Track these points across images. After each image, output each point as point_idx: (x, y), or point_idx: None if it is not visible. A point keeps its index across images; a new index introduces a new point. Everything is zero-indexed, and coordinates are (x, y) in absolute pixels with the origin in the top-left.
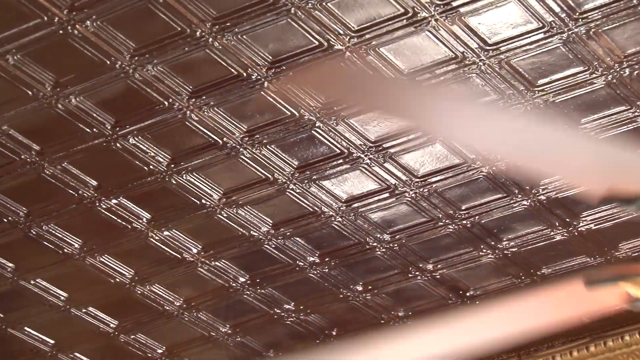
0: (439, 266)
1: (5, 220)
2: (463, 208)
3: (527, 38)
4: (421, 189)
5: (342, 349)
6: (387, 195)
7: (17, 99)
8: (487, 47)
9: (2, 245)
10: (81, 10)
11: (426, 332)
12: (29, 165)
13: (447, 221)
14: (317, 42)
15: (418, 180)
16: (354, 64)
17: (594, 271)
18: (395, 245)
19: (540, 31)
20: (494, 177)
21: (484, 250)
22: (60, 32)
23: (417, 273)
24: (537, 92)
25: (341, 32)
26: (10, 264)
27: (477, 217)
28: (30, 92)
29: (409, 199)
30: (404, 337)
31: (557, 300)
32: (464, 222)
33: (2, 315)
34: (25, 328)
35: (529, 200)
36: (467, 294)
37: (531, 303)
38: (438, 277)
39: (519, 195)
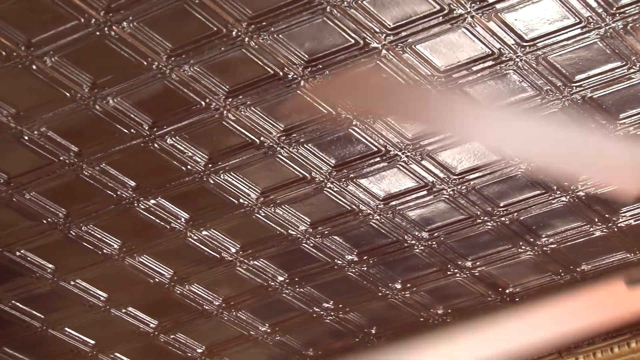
0: (477, 263)
1: (45, 221)
2: (501, 205)
3: (564, 34)
4: (459, 186)
5: (385, 351)
6: (424, 192)
7: (55, 100)
8: (524, 44)
9: (42, 247)
10: (117, 11)
11: (468, 333)
12: (68, 167)
13: (485, 218)
14: (353, 41)
15: (456, 177)
16: (389, 62)
17: (635, 270)
18: (434, 242)
19: (577, 27)
20: (532, 174)
21: (523, 247)
22: (97, 33)
23: (456, 270)
24: (574, 87)
25: (377, 30)
26: (51, 265)
27: (515, 213)
28: (68, 94)
29: (447, 197)
30: (446, 339)
31: (598, 300)
32: (503, 219)
33: (42, 316)
34: (66, 329)
35: (568, 197)
36: (507, 291)
37: (573, 303)
38: (477, 274)
39: (558, 192)
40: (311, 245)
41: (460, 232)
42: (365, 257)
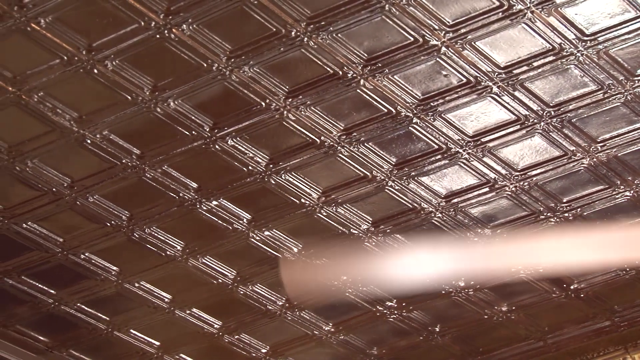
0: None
1: (109, 224)
2: (564, 200)
3: (625, 27)
4: (521, 183)
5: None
6: (487, 189)
7: (117, 104)
8: (585, 38)
9: (106, 249)
10: (177, 14)
11: None
12: (130, 170)
13: (548, 214)
14: (412, 38)
15: (518, 173)
16: (449, 59)
17: None
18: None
19: (638, 20)
20: (595, 169)
21: None
22: (157, 36)
23: (520, 267)
24: (637, 81)
25: (436, 27)
26: (115, 268)
27: (579, 209)
28: (129, 97)
29: (509, 193)
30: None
31: None
32: (566, 214)
33: (108, 318)
34: (131, 330)
35: (632, 191)
36: (571, 287)
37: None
38: (541, 271)
39: (621, 186)
40: (373, 243)
41: (523, 228)
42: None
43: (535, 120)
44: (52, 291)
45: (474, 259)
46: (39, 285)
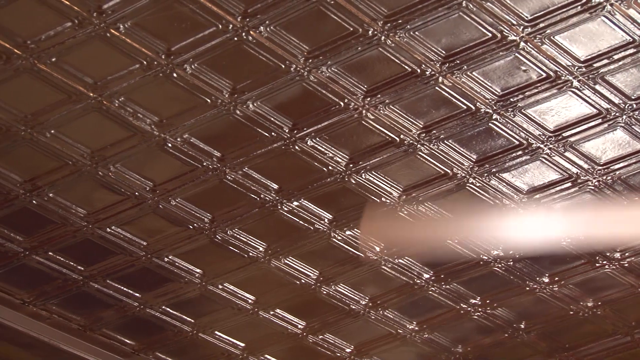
0: (626, 254)
1: (191, 227)
2: None
3: None
4: (604, 177)
5: None
6: (569, 184)
7: (197, 107)
8: None
9: (190, 252)
10: (254, 16)
11: None
12: (211, 172)
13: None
14: (490, 34)
15: (600, 168)
16: (528, 54)
17: None
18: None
19: None
20: None
21: None
22: (235, 39)
23: (605, 262)
24: None
25: (514, 22)
26: (198, 270)
27: None
28: (208, 100)
29: (592, 188)
30: None
31: None
32: None
33: (192, 320)
34: (216, 332)
35: None
36: None
37: None
38: (626, 265)
39: None
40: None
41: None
42: (511, 252)
43: (617, 114)
44: (137, 294)
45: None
46: (124, 289)
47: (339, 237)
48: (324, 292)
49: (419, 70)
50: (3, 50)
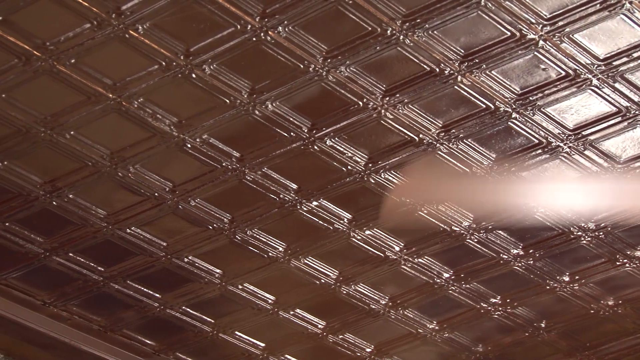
0: None
1: (211, 227)
2: None
3: None
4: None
5: None
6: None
7: (216, 107)
8: None
9: (209, 252)
10: (273, 16)
11: None
12: (231, 172)
13: None
14: (509, 33)
15: (620, 166)
16: (547, 53)
17: None
18: (601, 233)
19: None
20: None
21: None
22: (254, 39)
23: (625, 261)
24: None
25: (533, 21)
26: (218, 270)
27: None
28: (227, 100)
29: None
30: None
31: None
32: None
33: (213, 321)
34: (236, 332)
35: None
36: None
37: None
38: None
39: None
40: (475, 240)
41: (627, 221)
42: (531, 251)
43: (637, 112)
44: (158, 295)
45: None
46: (144, 289)
47: (359, 237)
48: (344, 292)
49: (437, 70)
50: (22, 52)
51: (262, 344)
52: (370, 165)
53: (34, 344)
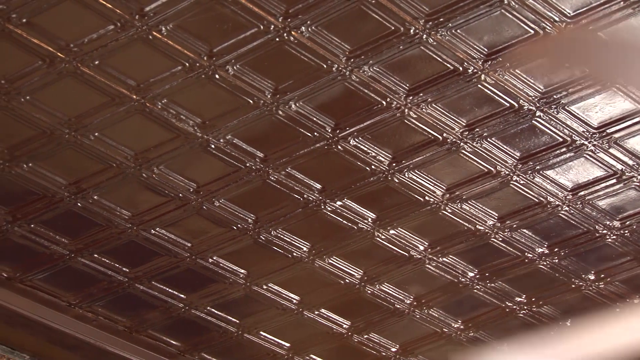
0: None
1: (235, 227)
2: None
3: None
4: None
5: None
6: (614, 181)
7: (239, 108)
8: None
9: (234, 252)
10: (296, 16)
11: None
12: (254, 173)
13: None
14: (532, 31)
15: None
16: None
17: None
18: (626, 231)
19: None
20: None
21: None
22: (277, 39)
23: None
24: None
25: (557, 19)
26: (243, 270)
27: None
28: (251, 101)
29: (638, 184)
30: None
31: None
32: None
33: (237, 321)
34: (261, 332)
35: None
36: None
37: None
38: None
39: None
40: (500, 239)
41: None
42: (556, 249)
43: None
44: (182, 295)
45: None
46: (169, 290)
47: (383, 236)
48: (369, 292)
49: (461, 68)
50: (46, 54)
51: (287, 344)
52: (393, 164)
53: (59, 345)
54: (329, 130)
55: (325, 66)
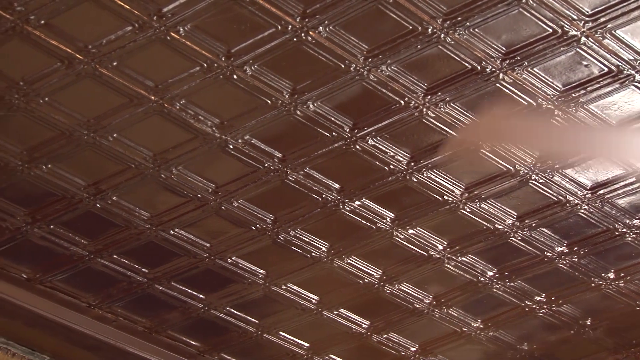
0: None
1: (254, 227)
2: None
3: None
4: None
5: None
6: (633, 179)
7: (257, 108)
8: None
9: (253, 253)
10: (313, 16)
11: None
12: (273, 173)
13: None
14: (550, 30)
15: None
16: (589, 49)
17: None
18: None
19: None
20: None
21: None
22: (294, 39)
23: None
24: None
25: (575, 17)
26: (262, 271)
27: None
28: (269, 101)
29: None
30: None
31: None
32: None
33: (257, 321)
34: (280, 332)
35: None
36: None
37: None
38: None
39: None
40: (519, 238)
41: None
42: (575, 248)
43: None
44: (202, 296)
45: None
46: (189, 291)
47: (402, 236)
48: (388, 291)
49: (479, 67)
50: (65, 56)
51: (307, 344)
52: (412, 164)
53: (79, 346)
54: (347, 130)
55: (343, 66)
